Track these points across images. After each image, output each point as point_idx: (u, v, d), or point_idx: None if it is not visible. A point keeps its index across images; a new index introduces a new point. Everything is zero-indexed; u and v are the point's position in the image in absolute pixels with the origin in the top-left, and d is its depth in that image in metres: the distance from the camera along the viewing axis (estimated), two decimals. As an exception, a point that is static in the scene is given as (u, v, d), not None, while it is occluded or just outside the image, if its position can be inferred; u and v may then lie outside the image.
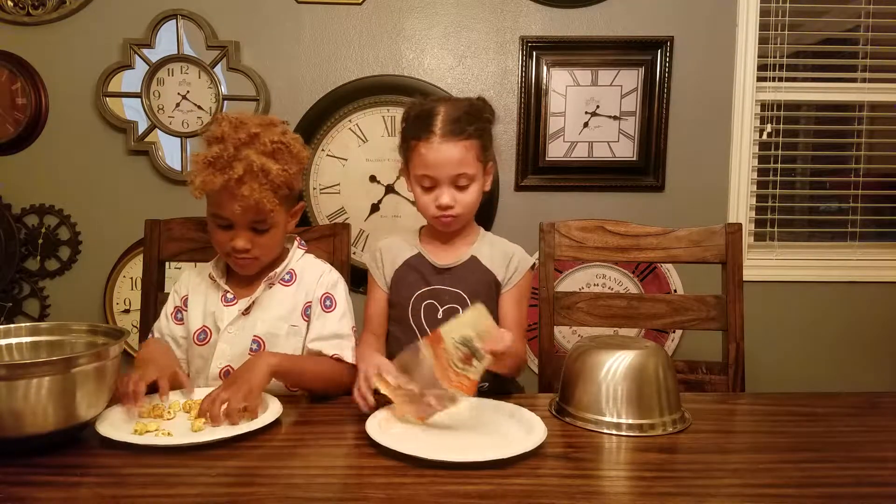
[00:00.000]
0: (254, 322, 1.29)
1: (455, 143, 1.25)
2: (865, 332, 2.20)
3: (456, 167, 1.26)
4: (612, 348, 1.11)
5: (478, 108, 1.32)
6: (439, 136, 1.25)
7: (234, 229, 1.24)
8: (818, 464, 0.96)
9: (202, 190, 1.19)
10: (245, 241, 1.24)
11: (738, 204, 2.15)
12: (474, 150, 1.28)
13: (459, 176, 1.27)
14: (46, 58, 2.09)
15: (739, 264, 1.47)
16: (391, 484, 0.87)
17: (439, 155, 1.25)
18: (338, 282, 1.35)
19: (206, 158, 1.18)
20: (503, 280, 1.35)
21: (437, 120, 1.26)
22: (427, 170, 1.27)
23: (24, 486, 0.85)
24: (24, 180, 2.12)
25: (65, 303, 2.16)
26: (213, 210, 1.24)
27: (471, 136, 1.27)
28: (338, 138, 2.10)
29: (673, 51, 2.08)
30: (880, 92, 2.17)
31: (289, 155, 1.23)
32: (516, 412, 1.09)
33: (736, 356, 1.45)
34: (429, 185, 1.29)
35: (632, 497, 0.86)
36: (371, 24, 2.11)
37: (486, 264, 1.35)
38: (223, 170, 1.17)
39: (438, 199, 1.28)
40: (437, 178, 1.27)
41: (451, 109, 1.28)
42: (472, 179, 1.29)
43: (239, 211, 1.20)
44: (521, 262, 1.36)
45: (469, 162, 1.27)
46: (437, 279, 1.34)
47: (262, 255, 1.28)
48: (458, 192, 1.28)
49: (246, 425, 1.02)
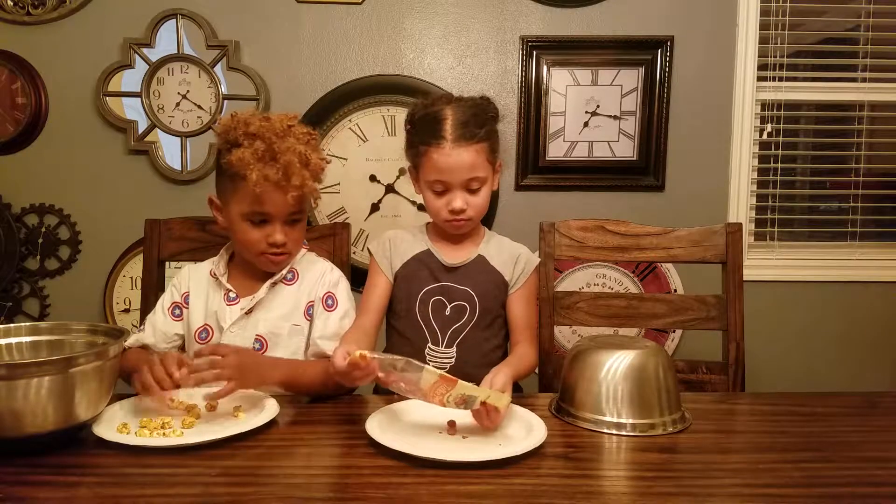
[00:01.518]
0: (256, 322, 1.29)
1: (467, 147, 1.25)
2: (865, 332, 2.20)
3: (469, 171, 1.26)
4: (612, 348, 1.11)
5: (483, 109, 1.32)
6: (451, 142, 1.25)
7: (272, 224, 1.24)
8: (818, 464, 0.95)
9: (260, 185, 1.17)
10: (283, 236, 1.24)
11: (738, 204, 2.15)
12: (485, 152, 1.28)
13: (472, 180, 1.27)
14: (46, 57, 2.09)
15: (739, 264, 1.47)
16: (391, 483, 0.87)
17: (452, 161, 1.25)
18: (339, 280, 1.36)
19: (255, 154, 1.17)
20: (510, 280, 1.36)
21: (447, 125, 1.26)
22: (440, 175, 1.27)
23: (23, 485, 0.85)
24: (24, 180, 2.12)
25: (65, 302, 2.16)
26: (252, 207, 1.22)
27: (481, 139, 1.27)
28: (338, 138, 2.10)
29: (673, 51, 2.08)
30: (880, 92, 2.17)
31: (318, 145, 1.26)
32: (516, 412, 1.09)
33: (736, 356, 1.45)
34: (441, 189, 1.29)
35: (632, 497, 0.86)
36: (371, 24, 2.11)
37: (494, 264, 1.36)
38: (272, 162, 1.18)
39: (451, 204, 1.28)
40: (450, 182, 1.27)
41: (459, 113, 1.28)
42: (483, 182, 1.29)
43: (282, 201, 1.21)
44: (528, 263, 1.37)
45: (481, 165, 1.27)
46: (446, 276, 1.34)
47: (294, 249, 1.29)
48: (471, 195, 1.29)
49: (246, 425, 1.02)
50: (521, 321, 1.34)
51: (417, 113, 1.32)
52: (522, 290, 1.36)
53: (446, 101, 1.32)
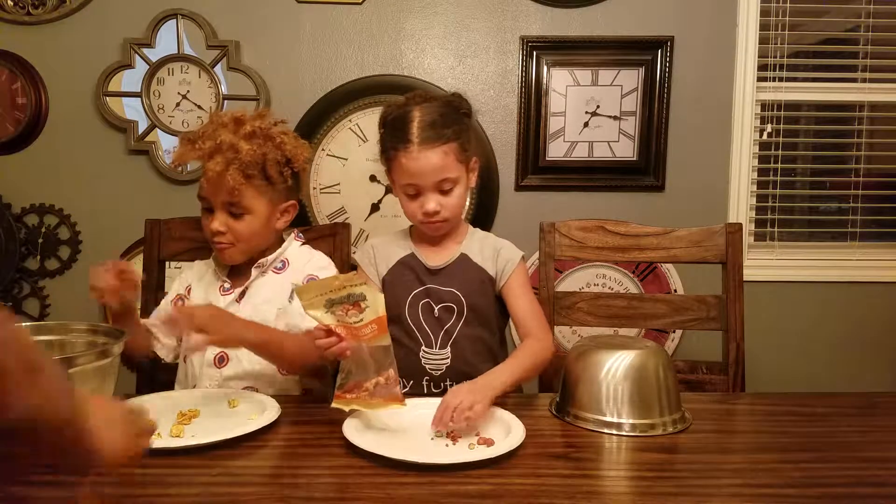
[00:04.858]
0: (245, 308, 1.31)
1: (434, 149, 1.24)
2: (865, 332, 2.19)
3: (438, 173, 1.25)
4: (612, 348, 1.12)
5: (454, 107, 1.31)
6: (417, 145, 1.24)
7: (214, 212, 1.29)
8: (818, 464, 0.96)
9: (177, 162, 1.30)
10: (219, 224, 1.28)
11: (738, 204, 2.15)
12: (454, 153, 1.27)
13: (443, 181, 1.27)
14: (46, 57, 2.09)
15: (739, 264, 1.47)
16: (391, 483, 0.87)
17: (420, 164, 1.24)
18: (328, 266, 1.38)
19: (188, 136, 1.28)
20: (496, 275, 1.35)
21: (413, 127, 1.25)
22: (410, 178, 1.27)
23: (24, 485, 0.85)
24: (24, 180, 2.12)
25: (65, 302, 2.16)
26: (198, 193, 1.31)
27: (449, 139, 1.26)
28: (338, 138, 2.10)
29: (673, 51, 2.08)
30: (880, 92, 2.17)
31: (268, 141, 1.28)
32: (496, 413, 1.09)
33: (736, 356, 1.45)
34: (413, 192, 1.29)
35: (632, 497, 0.86)
36: (371, 24, 2.11)
37: (477, 261, 1.35)
38: (198, 146, 1.25)
39: (424, 206, 1.27)
40: (421, 185, 1.27)
41: (426, 114, 1.27)
42: (455, 182, 1.28)
43: (207, 187, 1.27)
44: (510, 256, 1.35)
45: (450, 166, 1.26)
46: (431, 279, 1.34)
47: (238, 242, 1.31)
48: (443, 196, 1.28)
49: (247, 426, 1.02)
50: (521, 313, 1.32)
51: (389, 115, 1.32)
52: (511, 283, 1.33)
53: (416, 102, 1.30)
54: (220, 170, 1.22)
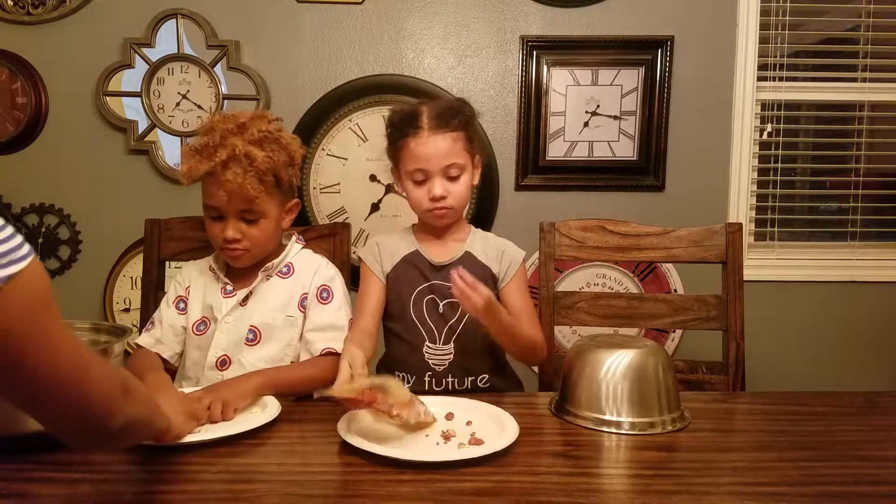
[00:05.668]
0: (250, 312, 1.31)
1: (443, 134, 1.29)
2: (865, 332, 2.20)
3: (446, 157, 1.29)
4: (611, 347, 1.12)
5: (459, 106, 1.35)
6: (427, 130, 1.29)
7: (225, 219, 1.27)
8: (818, 463, 0.96)
9: (189, 177, 1.25)
10: (235, 231, 1.26)
11: (738, 204, 2.15)
12: (461, 141, 1.31)
13: (450, 166, 1.29)
14: (46, 57, 2.09)
15: (739, 264, 1.47)
16: (390, 481, 0.87)
17: (429, 147, 1.28)
18: (335, 275, 1.38)
19: (194, 147, 1.24)
20: (499, 274, 1.36)
21: (423, 116, 1.30)
22: (419, 163, 1.29)
23: (26, 482, 0.86)
24: (24, 179, 2.12)
25: (65, 302, 2.13)
26: (205, 201, 1.28)
27: (456, 127, 1.30)
28: (338, 138, 2.10)
29: (673, 51, 2.08)
30: (880, 92, 2.17)
31: (276, 144, 1.27)
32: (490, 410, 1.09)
33: (736, 356, 1.45)
34: (421, 178, 1.31)
35: (631, 495, 0.86)
36: (371, 24, 2.11)
37: (481, 259, 1.36)
38: (209, 157, 1.21)
39: (432, 191, 1.29)
40: (429, 170, 1.29)
41: (433, 107, 1.33)
42: (462, 170, 1.31)
43: (225, 197, 1.23)
44: (514, 256, 1.38)
45: (458, 152, 1.30)
46: (435, 275, 1.35)
47: (253, 247, 1.30)
48: (450, 182, 1.31)
49: (247, 423, 1.02)
50: (522, 312, 1.33)
51: (395, 115, 1.36)
52: (512, 283, 1.36)
53: (424, 102, 1.36)
54: (239, 181, 1.20)
